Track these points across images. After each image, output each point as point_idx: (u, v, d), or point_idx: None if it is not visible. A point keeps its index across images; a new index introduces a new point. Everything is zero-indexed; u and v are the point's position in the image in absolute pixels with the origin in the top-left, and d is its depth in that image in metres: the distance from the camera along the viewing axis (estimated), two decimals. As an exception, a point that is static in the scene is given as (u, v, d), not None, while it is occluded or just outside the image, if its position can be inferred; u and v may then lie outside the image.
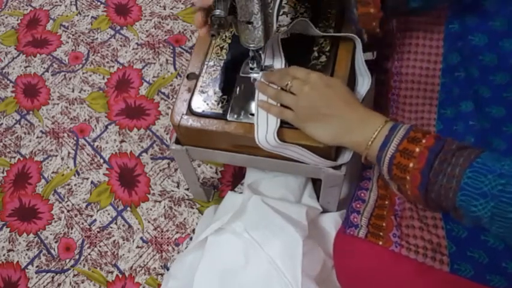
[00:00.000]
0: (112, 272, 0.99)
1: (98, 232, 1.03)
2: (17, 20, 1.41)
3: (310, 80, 0.66)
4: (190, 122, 0.74)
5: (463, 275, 0.60)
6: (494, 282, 0.58)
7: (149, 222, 1.03)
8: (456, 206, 0.53)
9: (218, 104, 0.74)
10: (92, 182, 1.10)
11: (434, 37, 0.75)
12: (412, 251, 0.63)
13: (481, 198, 0.50)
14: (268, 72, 0.73)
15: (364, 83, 0.76)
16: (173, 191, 1.06)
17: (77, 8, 1.40)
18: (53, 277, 1.00)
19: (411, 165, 0.56)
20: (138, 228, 1.03)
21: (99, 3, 1.40)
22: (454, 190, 0.52)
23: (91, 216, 1.06)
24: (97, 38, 1.33)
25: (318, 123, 0.65)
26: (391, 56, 0.80)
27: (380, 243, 0.65)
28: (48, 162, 1.14)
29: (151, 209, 1.04)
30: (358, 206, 0.72)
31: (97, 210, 1.06)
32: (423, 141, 0.56)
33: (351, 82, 0.77)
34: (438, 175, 0.54)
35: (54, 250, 1.03)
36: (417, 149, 0.55)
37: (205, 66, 0.78)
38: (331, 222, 0.86)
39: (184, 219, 1.02)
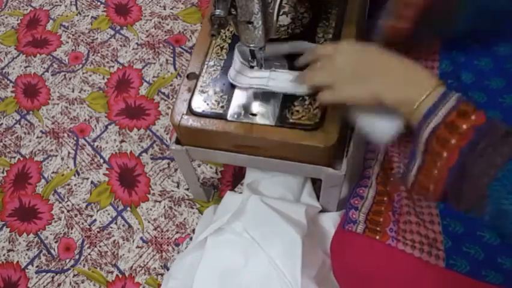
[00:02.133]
0: (112, 272, 0.99)
1: (98, 232, 1.03)
2: (17, 20, 1.41)
3: (339, 49, 0.63)
4: (190, 122, 0.74)
5: (459, 271, 0.60)
6: (489, 278, 0.58)
7: (149, 222, 1.03)
8: (487, 193, 0.49)
9: (218, 104, 0.74)
10: (92, 182, 1.10)
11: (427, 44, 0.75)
12: (408, 246, 0.63)
13: None
14: (300, 58, 0.70)
15: None
16: (173, 191, 1.06)
17: (77, 8, 1.40)
18: (53, 277, 1.00)
19: (453, 141, 0.51)
20: (138, 228, 1.03)
21: (99, 3, 1.40)
22: (490, 177, 0.49)
23: (91, 216, 1.06)
24: (97, 38, 1.33)
25: (355, 85, 0.60)
26: None
27: (377, 237, 0.65)
28: (48, 162, 1.14)
29: (151, 209, 1.04)
30: (356, 202, 0.72)
31: (97, 210, 1.06)
32: (473, 117, 0.51)
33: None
34: (478, 158, 0.50)
35: (54, 250, 1.03)
36: (464, 126, 0.51)
37: (205, 66, 0.78)
38: (330, 222, 0.86)
39: (184, 219, 1.02)
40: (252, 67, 0.75)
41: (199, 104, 0.75)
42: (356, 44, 0.63)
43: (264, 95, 0.74)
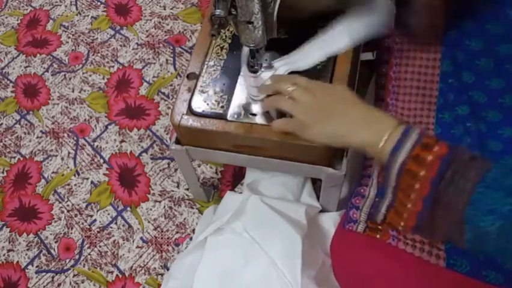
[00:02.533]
0: (112, 272, 0.99)
1: (98, 232, 1.03)
2: (17, 20, 1.41)
3: (310, 86, 0.65)
4: (190, 122, 0.74)
5: (459, 270, 0.60)
6: (490, 278, 0.58)
7: (149, 222, 1.03)
8: (463, 219, 0.51)
9: (218, 103, 0.74)
10: (92, 182, 1.10)
11: (429, 41, 0.75)
12: (409, 245, 0.63)
13: (490, 214, 0.49)
14: (273, 75, 0.72)
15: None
16: (173, 191, 1.06)
17: (77, 8, 1.40)
18: (53, 277, 1.00)
19: (422, 173, 0.54)
20: (138, 228, 1.03)
21: (99, 3, 1.40)
22: (463, 203, 0.50)
23: (91, 216, 1.06)
24: (97, 38, 1.33)
25: (317, 126, 0.63)
26: (390, 60, 0.80)
27: (378, 236, 0.66)
28: (48, 162, 1.14)
29: (151, 209, 1.04)
30: (358, 201, 0.72)
31: (97, 210, 1.06)
32: (436, 148, 0.54)
33: (352, 82, 0.77)
34: (448, 187, 0.52)
35: (54, 250, 1.03)
36: (429, 157, 0.53)
37: (205, 66, 0.78)
38: (330, 222, 0.86)
39: (184, 219, 1.02)
40: (252, 68, 0.75)
41: (199, 104, 0.75)
42: (325, 85, 0.67)
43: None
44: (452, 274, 0.60)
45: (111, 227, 1.04)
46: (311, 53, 0.73)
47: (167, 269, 0.96)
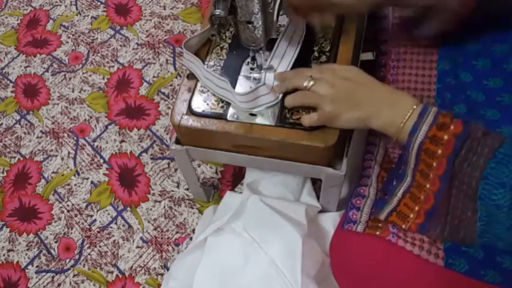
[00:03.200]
0: (112, 272, 0.99)
1: (98, 232, 1.03)
2: (17, 20, 1.41)
3: (326, 77, 0.67)
4: (190, 122, 0.74)
5: (457, 270, 0.60)
6: (488, 277, 0.58)
7: (149, 222, 1.03)
8: (477, 195, 0.54)
9: (218, 103, 0.74)
10: (92, 182, 1.10)
11: (429, 44, 0.75)
12: (409, 243, 0.63)
13: (501, 188, 0.52)
14: (282, 73, 0.73)
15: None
16: (173, 191, 1.06)
17: (77, 8, 1.40)
18: (53, 277, 1.00)
19: (439, 152, 0.57)
20: (138, 228, 1.03)
21: (99, 3, 1.40)
22: (477, 179, 0.53)
23: (91, 216, 1.06)
24: (97, 38, 1.33)
25: (345, 114, 0.65)
26: (387, 64, 0.81)
27: (377, 233, 0.66)
28: (48, 162, 1.14)
29: (151, 209, 1.04)
30: (358, 202, 0.72)
31: (97, 210, 1.06)
32: (452, 127, 0.56)
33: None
34: (463, 163, 0.55)
35: (54, 250, 1.03)
36: (445, 136, 0.56)
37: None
38: (330, 222, 0.86)
39: (184, 219, 1.02)
40: (252, 69, 0.75)
41: (199, 104, 0.75)
42: (339, 72, 0.68)
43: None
44: (451, 273, 0.60)
45: (111, 227, 1.04)
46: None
47: (167, 269, 0.96)
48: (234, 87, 0.75)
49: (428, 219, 0.61)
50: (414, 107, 0.60)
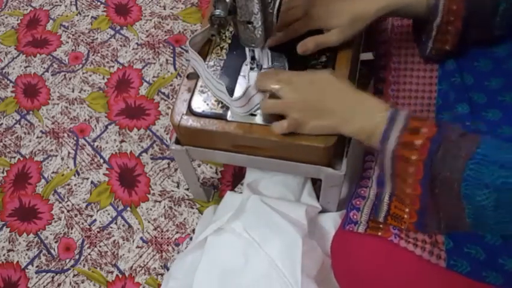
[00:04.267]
0: (112, 272, 0.99)
1: (98, 232, 1.03)
2: (17, 20, 1.41)
3: (294, 80, 0.66)
4: (190, 122, 0.74)
5: (459, 271, 0.60)
6: (490, 279, 0.58)
7: (149, 222, 1.03)
8: (461, 197, 0.53)
9: (218, 104, 0.74)
10: (92, 182, 1.10)
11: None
12: (411, 244, 0.63)
13: (484, 188, 0.50)
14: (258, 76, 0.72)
15: None
16: (173, 191, 1.06)
17: (77, 8, 1.40)
18: (53, 277, 1.00)
19: (414, 157, 0.55)
20: (138, 228, 1.03)
21: (99, 3, 1.40)
22: (457, 181, 0.52)
23: (91, 216, 1.06)
24: (97, 38, 1.33)
25: (312, 121, 0.65)
26: (388, 65, 0.81)
27: (379, 234, 0.66)
28: (48, 162, 1.14)
29: (151, 209, 1.04)
30: (358, 203, 0.72)
31: (97, 210, 1.06)
32: (424, 130, 0.55)
33: (352, 82, 0.77)
34: (441, 166, 0.53)
35: (54, 250, 1.03)
36: (418, 141, 0.54)
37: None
38: (330, 222, 0.86)
39: (184, 219, 1.02)
40: (251, 69, 0.75)
41: (199, 104, 0.75)
42: (306, 76, 0.67)
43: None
44: (453, 275, 0.60)
45: (111, 227, 1.04)
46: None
47: (167, 269, 0.96)
48: (233, 87, 0.75)
49: (421, 218, 0.60)
50: (383, 112, 0.59)
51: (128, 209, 1.05)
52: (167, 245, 1.00)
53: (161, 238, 1.01)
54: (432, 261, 0.61)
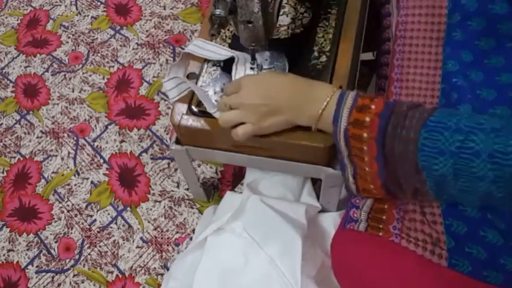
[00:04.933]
0: (112, 272, 0.99)
1: (98, 232, 1.03)
2: (17, 20, 1.41)
3: (240, 85, 0.67)
4: (190, 122, 0.74)
5: (461, 271, 0.60)
6: (491, 279, 0.58)
7: (149, 222, 1.03)
8: (419, 167, 0.52)
9: (218, 103, 0.74)
10: (92, 182, 1.10)
11: (434, 43, 0.75)
12: (412, 243, 0.63)
13: (440, 156, 0.49)
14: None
15: None
16: (173, 191, 1.06)
17: (77, 8, 1.40)
18: (53, 277, 1.00)
19: (365, 135, 0.55)
20: (138, 228, 1.03)
21: (99, 3, 1.40)
22: (413, 152, 0.51)
23: (91, 216, 1.06)
24: (97, 38, 1.33)
25: (265, 121, 0.66)
26: (391, 62, 0.80)
27: (380, 234, 0.66)
28: (48, 162, 1.14)
29: (151, 209, 1.04)
30: (357, 201, 0.72)
31: (97, 210, 1.06)
32: (372, 107, 0.55)
33: (352, 82, 0.77)
34: (393, 140, 0.53)
35: (54, 250, 1.03)
36: (367, 118, 0.55)
37: (205, 66, 0.78)
38: (330, 222, 0.86)
39: (184, 219, 1.02)
40: (252, 69, 0.75)
41: (199, 104, 0.74)
42: (251, 78, 0.67)
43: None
44: (454, 274, 0.60)
45: (111, 227, 1.04)
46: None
47: (167, 269, 0.96)
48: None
49: (386, 191, 0.61)
50: (330, 95, 0.59)
51: (128, 209, 1.05)
52: (167, 245, 1.00)
53: (161, 238, 1.01)
54: (434, 261, 0.61)
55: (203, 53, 0.75)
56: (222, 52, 0.75)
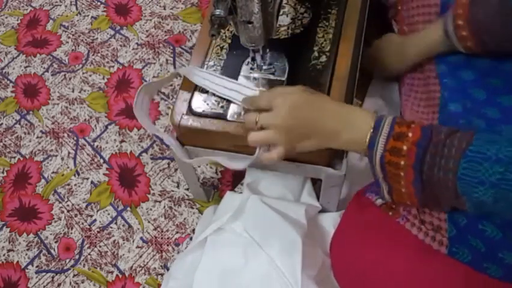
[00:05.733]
0: (112, 272, 0.99)
1: (98, 232, 1.03)
2: (17, 20, 1.41)
3: (272, 104, 0.64)
4: (190, 121, 0.74)
5: (460, 259, 0.60)
6: (491, 271, 0.58)
7: (149, 222, 1.03)
8: (458, 194, 0.53)
9: (218, 103, 0.74)
10: (92, 182, 1.10)
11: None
12: (415, 227, 0.63)
13: (480, 186, 0.50)
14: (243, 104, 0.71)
15: None
16: (173, 191, 1.06)
17: (77, 8, 1.40)
18: (53, 277, 1.00)
19: (402, 162, 0.55)
20: (138, 228, 1.03)
21: (99, 3, 1.40)
22: (452, 181, 0.52)
23: (91, 216, 1.06)
24: (97, 38, 1.33)
25: (300, 145, 0.64)
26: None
27: (390, 213, 0.66)
28: (48, 162, 1.14)
29: (151, 209, 1.04)
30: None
31: (97, 210, 1.06)
32: (410, 134, 0.55)
33: (352, 81, 0.77)
34: (432, 169, 0.54)
35: (54, 250, 1.03)
36: (404, 147, 0.55)
37: (205, 66, 0.78)
38: (330, 222, 0.86)
39: (184, 219, 1.02)
40: (252, 69, 0.75)
41: (199, 104, 0.75)
42: (287, 99, 0.63)
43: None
44: (453, 262, 0.60)
45: (111, 227, 1.04)
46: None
47: (167, 269, 0.96)
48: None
49: (423, 206, 0.62)
50: (367, 121, 0.59)
51: (128, 209, 1.05)
52: (167, 245, 1.00)
53: (161, 238, 1.01)
54: (434, 248, 0.61)
55: (198, 81, 0.75)
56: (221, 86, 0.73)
